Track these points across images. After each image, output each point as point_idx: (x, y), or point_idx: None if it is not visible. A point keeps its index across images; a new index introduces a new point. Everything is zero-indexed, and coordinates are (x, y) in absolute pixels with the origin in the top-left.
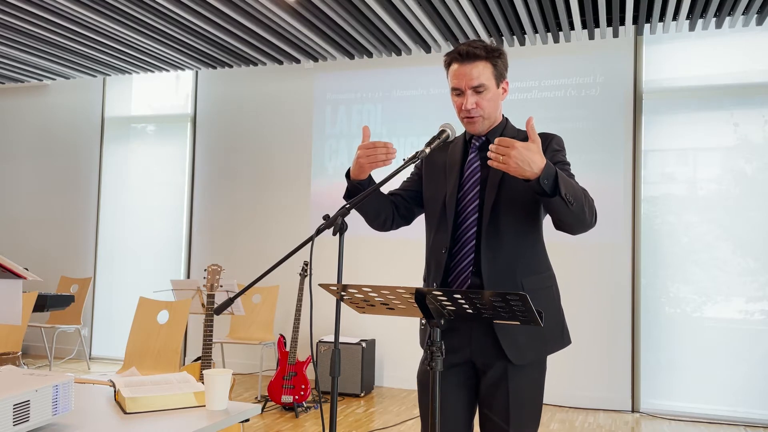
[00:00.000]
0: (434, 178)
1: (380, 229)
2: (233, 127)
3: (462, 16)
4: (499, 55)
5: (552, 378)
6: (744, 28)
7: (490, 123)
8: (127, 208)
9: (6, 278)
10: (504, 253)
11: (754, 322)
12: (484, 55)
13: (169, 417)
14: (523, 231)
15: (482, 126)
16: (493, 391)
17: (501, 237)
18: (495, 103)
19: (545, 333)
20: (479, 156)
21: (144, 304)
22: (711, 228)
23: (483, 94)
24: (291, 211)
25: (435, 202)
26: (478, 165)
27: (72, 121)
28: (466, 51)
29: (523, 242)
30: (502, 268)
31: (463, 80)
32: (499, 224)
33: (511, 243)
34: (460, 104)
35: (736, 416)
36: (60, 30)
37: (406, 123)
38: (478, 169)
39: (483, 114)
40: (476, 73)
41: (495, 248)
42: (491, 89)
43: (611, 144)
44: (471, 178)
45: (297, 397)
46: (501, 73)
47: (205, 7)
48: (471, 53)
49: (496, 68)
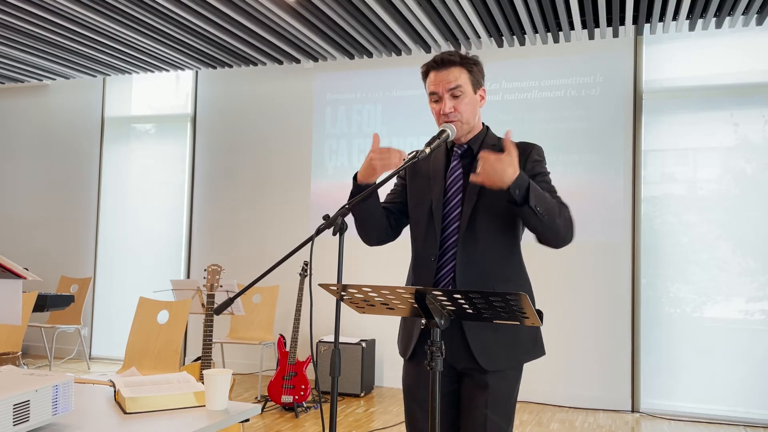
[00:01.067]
0: (419, 186)
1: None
2: (233, 127)
3: (462, 16)
4: (474, 63)
5: (552, 378)
6: (744, 28)
7: (469, 128)
8: (127, 208)
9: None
10: (479, 259)
11: (754, 322)
12: (459, 60)
13: (169, 417)
14: (499, 239)
15: (461, 131)
16: (472, 396)
17: (478, 243)
18: (473, 108)
19: (518, 342)
20: (461, 164)
21: (144, 304)
22: (711, 228)
23: (460, 98)
24: (291, 211)
25: (421, 211)
26: (460, 173)
27: (72, 121)
28: (441, 58)
29: (499, 249)
30: (475, 274)
31: (440, 85)
32: (477, 231)
33: (487, 249)
34: (438, 110)
35: (736, 416)
36: (60, 30)
37: (406, 123)
38: (460, 177)
39: (461, 119)
40: (452, 77)
41: (471, 253)
42: (468, 94)
43: (611, 144)
44: (454, 185)
45: (297, 397)
46: (477, 80)
47: (205, 7)
48: (446, 59)
49: (472, 74)
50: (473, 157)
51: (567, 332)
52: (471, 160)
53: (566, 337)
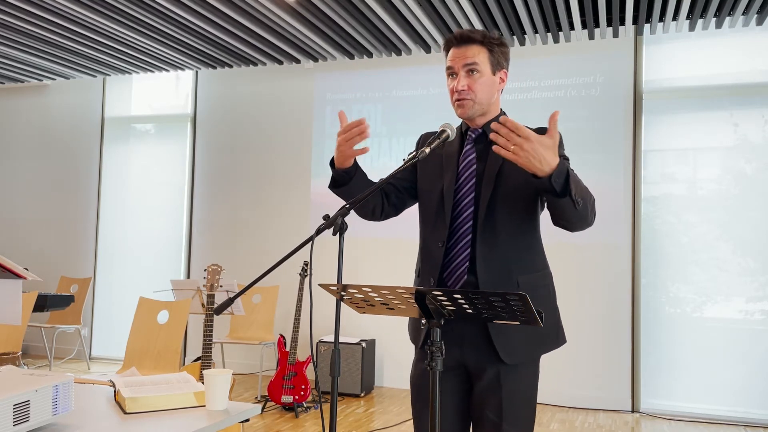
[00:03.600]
0: (430, 170)
1: (368, 217)
2: (233, 127)
3: (462, 16)
4: (498, 43)
5: (552, 378)
6: (744, 28)
7: (482, 110)
8: (127, 208)
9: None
10: (500, 250)
11: (754, 322)
12: (480, 39)
13: (169, 417)
14: (520, 227)
15: (472, 111)
16: (487, 393)
17: (497, 233)
18: (488, 89)
19: (541, 333)
20: (475, 148)
21: (144, 304)
22: (711, 228)
23: (475, 76)
24: (291, 211)
25: (431, 195)
26: (474, 157)
27: (72, 121)
28: (461, 34)
29: (520, 239)
30: (497, 265)
31: (456, 60)
32: (496, 219)
33: (507, 239)
34: (452, 87)
35: (736, 416)
36: (60, 30)
37: (406, 123)
38: (474, 161)
39: (474, 98)
40: (470, 54)
41: (491, 244)
42: (485, 74)
43: (611, 144)
44: (467, 170)
45: (297, 397)
46: (498, 61)
47: (205, 7)
48: (466, 36)
49: (493, 54)
50: (487, 141)
51: (567, 332)
52: (485, 144)
53: (567, 337)
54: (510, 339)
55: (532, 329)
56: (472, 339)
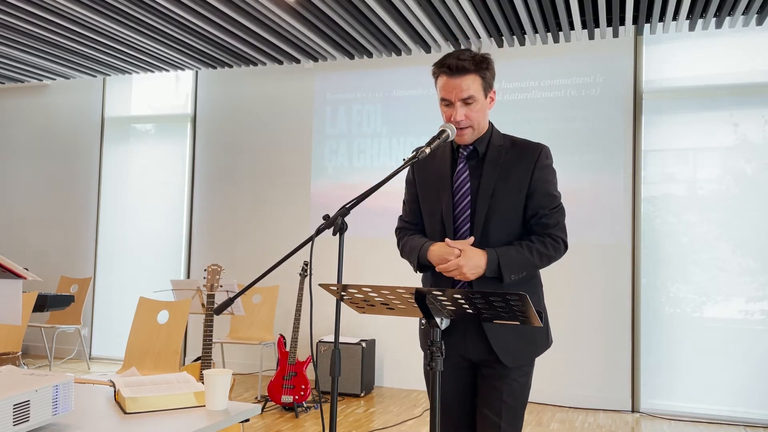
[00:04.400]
0: (428, 192)
1: None
2: (233, 127)
3: (462, 16)
4: (487, 66)
5: (552, 378)
6: (744, 28)
7: (479, 132)
8: (127, 208)
9: (6, 278)
10: None
11: (754, 322)
12: (473, 68)
13: (169, 417)
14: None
15: (471, 136)
16: (489, 390)
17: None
18: (484, 113)
19: (534, 336)
20: (468, 165)
21: (144, 304)
22: (711, 228)
23: (472, 105)
24: (291, 211)
25: (433, 217)
26: (467, 175)
27: (72, 121)
28: (455, 65)
29: None
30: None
31: (452, 92)
32: (489, 234)
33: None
34: (449, 115)
35: (736, 416)
36: (60, 30)
37: (406, 123)
38: (467, 180)
39: (472, 125)
40: (465, 86)
41: None
42: (480, 101)
43: (611, 144)
44: (461, 188)
45: (297, 397)
46: (489, 83)
47: (205, 7)
48: (460, 67)
49: (485, 80)
50: (479, 158)
51: (567, 332)
52: (477, 161)
53: (566, 337)
54: (507, 344)
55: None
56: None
